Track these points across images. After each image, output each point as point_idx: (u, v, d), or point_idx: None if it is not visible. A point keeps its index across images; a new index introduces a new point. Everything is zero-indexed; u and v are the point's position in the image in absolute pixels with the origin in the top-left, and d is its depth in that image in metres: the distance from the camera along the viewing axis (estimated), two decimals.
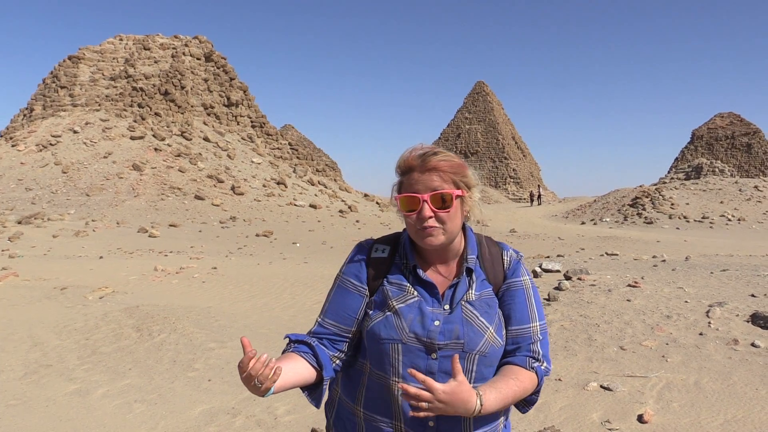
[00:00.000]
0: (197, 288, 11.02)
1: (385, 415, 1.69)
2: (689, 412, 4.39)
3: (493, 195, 77.09)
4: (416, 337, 1.64)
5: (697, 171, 51.26)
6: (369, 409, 1.71)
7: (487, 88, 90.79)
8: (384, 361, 1.67)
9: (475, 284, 1.71)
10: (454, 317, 1.66)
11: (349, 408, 1.77)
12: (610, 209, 40.43)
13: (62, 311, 8.53)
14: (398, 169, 1.72)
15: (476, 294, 1.70)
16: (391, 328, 1.66)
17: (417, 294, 1.69)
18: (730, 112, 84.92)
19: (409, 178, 1.67)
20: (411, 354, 1.64)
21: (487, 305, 1.70)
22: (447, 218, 1.64)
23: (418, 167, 1.66)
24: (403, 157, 1.70)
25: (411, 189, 1.65)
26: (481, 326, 1.66)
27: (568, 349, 5.92)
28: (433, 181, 1.64)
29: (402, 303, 1.68)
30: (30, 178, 32.96)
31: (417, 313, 1.66)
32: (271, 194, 34.28)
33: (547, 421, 4.38)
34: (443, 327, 1.65)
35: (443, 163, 1.65)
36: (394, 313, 1.67)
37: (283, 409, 4.88)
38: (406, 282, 1.71)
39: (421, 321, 1.65)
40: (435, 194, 1.62)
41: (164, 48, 44.90)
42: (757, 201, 38.38)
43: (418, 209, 1.63)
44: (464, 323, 1.65)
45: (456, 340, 1.64)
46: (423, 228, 1.63)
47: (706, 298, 7.21)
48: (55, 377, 5.86)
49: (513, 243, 22.72)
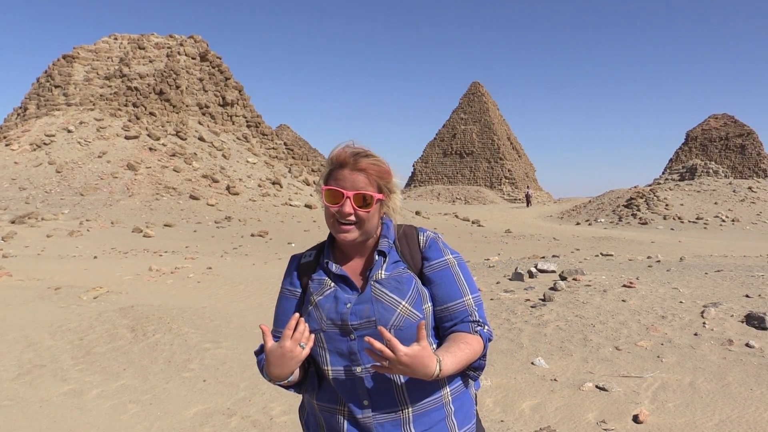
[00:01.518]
0: (192, 288, 10.98)
1: (330, 402, 1.79)
2: (684, 413, 4.40)
3: (488, 195, 77.11)
4: (332, 322, 1.75)
5: (691, 172, 51.44)
6: (320, 399, 1.82)
7: (483, 88, 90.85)
8: (315, 351, 1.79)
9: (386, 264, 1.80)
10: (363, 297, 1.76)
11: (311, 405, 1.88)
12: (604, 210, 40.53)
13: (56, 311, 8.48)
14: (329, 162, 1.82)
15: (386, 273, 1.79)
16: (312, 321, 1.77)
17: (333, 285, 1.81)
18: (724, 114, 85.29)
19: (338, 173, 1.78)
20: (332, 340, 1.76)
21: (397, 281, 1.77)
22: (366, 217, 1.76)
23: (349, 165, 1.77)
24: (336, 152, 1.80)
25: (338, 184, 1.77)
26: (392, 302, 1.73)
27: (563, 349, 5.92)
28: (358, 182, 1.76)
29: (320, 296, 1.80)
30: (24, 178, 32.79)
31: (332, 301, 1.78)
32: (267, 194, 34.22)
33: (542, 421, 4.39)
34: (354, 308, 1.74)
35: (372, 167, 1.78)
36: (315, 306, 1.79)
37: (279, 409, 4.87)
38: (326, 277, 1.83)
39: (335, 307, 1.76)
40: (358, 194, 1.75)
41: (159, 47, 44.75)
42: (751, 202, 38.56)
43: (341, 203, 1.75)
44: (374, 301, 1.74)
45: (368, 319, 1.72)
46: (340, 223, 1.76)
47: (700, 299, 7.23)
48: (49, 378, 5.82)
49: (508, 243, 22.74)
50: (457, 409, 1.80)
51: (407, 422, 1.73)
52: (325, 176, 1.83)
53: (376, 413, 1.72)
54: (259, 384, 5.47)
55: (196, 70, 44.88)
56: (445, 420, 1.77)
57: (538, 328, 6.56)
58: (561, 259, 13.11)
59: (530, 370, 5.46)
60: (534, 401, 4.75)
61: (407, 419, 1.73)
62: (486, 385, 5.07)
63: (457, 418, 1.79)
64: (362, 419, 1.72)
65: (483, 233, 26.99)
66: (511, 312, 7.25)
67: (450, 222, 31.96)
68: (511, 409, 4.63)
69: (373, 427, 1.72)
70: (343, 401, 1.75)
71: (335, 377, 1.76)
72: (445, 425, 1.76)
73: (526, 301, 7.70)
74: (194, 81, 44.29)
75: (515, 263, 11.68)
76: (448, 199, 76.22)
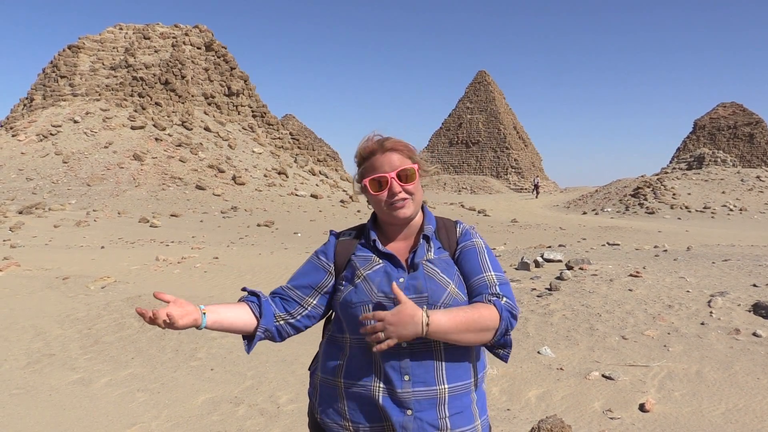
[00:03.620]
0: (199, 278, 11.03)
1: (365, 378, 1.79)
2: (691, 402, 4.40)
3: (494, 185, 76.87)
4: (385, 295, 1.78)
5: (699, 161, 51.09)
6: (349, 377, 1.82)
7: (489, 77, 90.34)
8: (359, 324, 1.77)
9: (432, 249, 1.88)
10: (417, 274, 1.81)
11: (330, 383, 1.87)
12: (611, 199, 40.37)
13: (64, 301, 8.54)
14: (358, 157, 1.91)
15: (435, 256, 1.87)
16: (361, 293, 1.81)
17: (382, 262, 1.85)
18: (732, 102, 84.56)
19: (372, 162, 1.86)
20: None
21: (446, 263, 1.86)
22: (414, 189, 1.84)
23: (378, 150, 1.86)
24: (362, 146, 1.89)
25: (376, 171, 1.84)
26: (443, 281, 1.80)
27: (569, 338, 5.92)
28: (394, 161, 1.84)
29: (369, 270, 1.84)
30: (30, 168, 32.94)
31: (383, 275, 1.82)
32: (273, 184, 34.25)
33: (549, 410, 4.39)
34: (408, 283, 1.79)
35: (399, 144, 1.87)
36: (363, 280, 1.82)
37: (286, 398, 4.90)
38: (372, 254, 1.88)
39: (388, 281, 1.80)
40: (400, 170, 1.83)
41: (164, 37, 44.68)
42: (759, 191, 38.28)
43: (387, 187, 1.82)
44: (426, 278, 1.80)
45: (420, 294, 1.77)
46: (393, 202, 1.82)
47: (707, 288, 7.21)
48: (58, 366, 5.88)
49: (514, 233, 22.71)
50: (479, 398, 1.87)
51: (443, 402, 1.76)
52: (360, 172, 1.90)
53: (415, 388, 1.74)
54: (266, 373, 5.50)
55: (202, 60, 44.81)
56: (471, 406, 1.82)
57: (544, 317, 6.56)
58: (567, 248, 13.09)
59: (536, 359, 5.46)
60: (540, 390, 4.76)
61: (443, 399, 1.76)
62: (492, 373, 5.08)
63: (479, 407, 1.86)
64: (401, 393, 1.74)
65: (489, 223, 26.94)
66: (518, 301, 7.25)
67: (456, 212, 31.92)
68: (518, 398, 4.64)
69: (411, 403, 1.74)
70: (379, 377, 1.76)
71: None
72: (471, 412, 1.81)
73: (532, 290, 7.70)
74: (200, 71, 44.25)
75: (521, 252, 11.66)
76: (454, 189, 76.03)
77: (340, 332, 1.89)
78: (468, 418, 1.79)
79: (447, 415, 1.75)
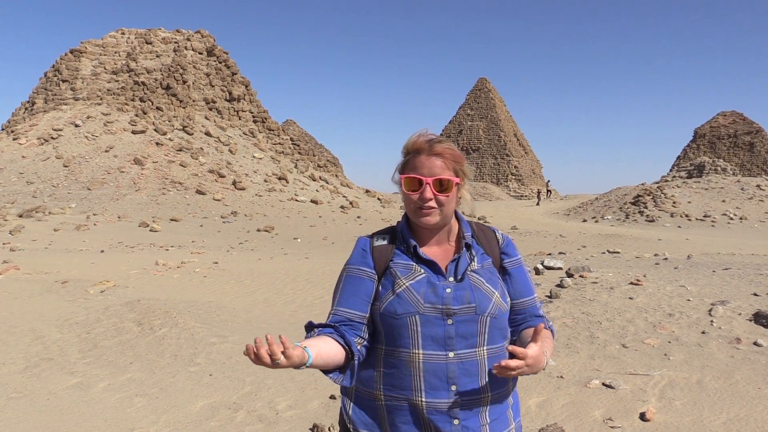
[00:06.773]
0: (199, 283, 11.01)
1: (405, 390, 1.77)
2: (691, 411, 4.38)
3: (494, 192, 76.96)
4: (432, 305, 1.76)
5: (699, 169, 51.15)
6: (389, 389, 1.79)
7: (490, 84, 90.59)
8: (403, 335, 1.77)
9: (476, 257, 1.88)
10: (463, 285, 1.80)
11: (368, 395, 1.84)
12: (611, 207, 40.38)
13: (63, 305, 8.52)
14: (405, 150, 1.86)
15: (479, 265, 1.86)
16: (406, 303, 1.77)
17: (423, 271, 1.83)
18: (733, 111, 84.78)
19: (415, 160, 1.82)
20: (429, 323, 1.76)
21: (491, 273, 1.87)
22: (445, 201, 1.81)
23: (425, 151, 1.81)
24: (411, 140, 1.84)
25: (416, 171, 1.81)
26: (488, 291, 1.81)
27: (570, 346, 5.90)
28: (436, 167, 1.80)
29: (411, 280, 1.81)
30: (31, 172, 32.96)
31: (427, 286, 1.79)
32: (273, 189, 34.27)
33: (549, 418, 4.37)
34: (455, 293, 1.78)
35: (448, 151, 1.82)
36: (406, 290, 1.79)
37: (285, 404, 4.88)
38: (412, 261, 1.85)
39: (434, 291, 1.78)
40: (437, 179, 1.79)
41: (166, 42, 44.83)
42: (759, 200, 38.31)
43: (421, 190, 1.79)
44: (473, 289, 1.80)
45: (468, 305, 1.77)
46: (422, 207, 1.80)
47: (708, 297, 7.19)
48: (56, 371, 5.85)
49: (514, 240, 22.64)
50: (515, 402, 1.92)
51: (485, 410, 1.79)
52: (402, 165, 1.86)
53: (461, 398, 1.76)
54: (265, 379, 5.48)
55: (203, 65, 44.94)
56: (507, 411, 1.87)
57: None
58: (567, 255, 13.07)
59: None
60: (540, 398, 4.74)
61: (486, 407, 1.79)
62: None
63: (513, 411, 1.90)
64: (447, 403, 1.75)
65: None
66: None
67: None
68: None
69: (457, 412, 1.76)
70: (422, 387, 1.75)
71: (426, 360, 1.75)
72: (506, 416, 1.86)
73: None
74: (201, 76, 44.36)
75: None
76: None
77: (375, 342, 1.84)
78: (504, 423, 1.84)
79: (488, 421, 1.80)
